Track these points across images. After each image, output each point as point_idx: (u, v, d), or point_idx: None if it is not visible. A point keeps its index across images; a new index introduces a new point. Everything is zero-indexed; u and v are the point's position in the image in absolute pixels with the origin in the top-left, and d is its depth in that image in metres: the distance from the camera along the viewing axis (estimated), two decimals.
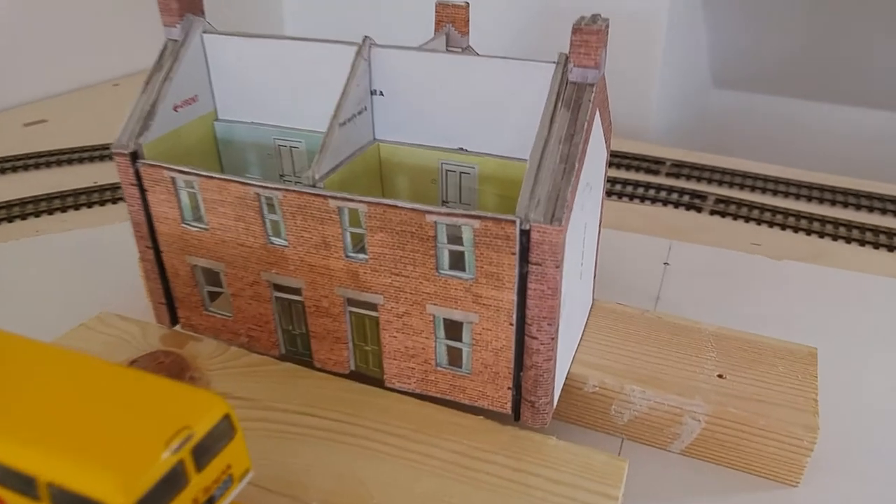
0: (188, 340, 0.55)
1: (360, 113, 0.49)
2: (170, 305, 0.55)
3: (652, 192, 0.92)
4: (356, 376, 0.52)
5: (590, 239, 0.52)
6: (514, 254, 0.42)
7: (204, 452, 0.33)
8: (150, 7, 1.22)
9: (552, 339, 0.44)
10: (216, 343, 0.55)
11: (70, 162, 0.97)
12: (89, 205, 0.86)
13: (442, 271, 0.45)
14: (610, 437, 0.53)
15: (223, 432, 0.34)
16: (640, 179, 0.94)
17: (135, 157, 0.49)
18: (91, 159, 0.98)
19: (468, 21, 0.58)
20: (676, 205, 0.89)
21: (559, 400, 0.51)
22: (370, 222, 0.44)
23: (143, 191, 0.50)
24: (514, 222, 0.41)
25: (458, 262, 0.44)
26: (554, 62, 0.45)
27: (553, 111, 0.43)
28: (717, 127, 1.47)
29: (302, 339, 0.52)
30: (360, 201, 0.44)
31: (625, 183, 0.93)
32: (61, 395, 0.34)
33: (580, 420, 0.54)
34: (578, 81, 0.43)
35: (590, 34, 0.42)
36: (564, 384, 0.52)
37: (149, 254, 0.53)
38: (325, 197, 0.45)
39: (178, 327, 0.57)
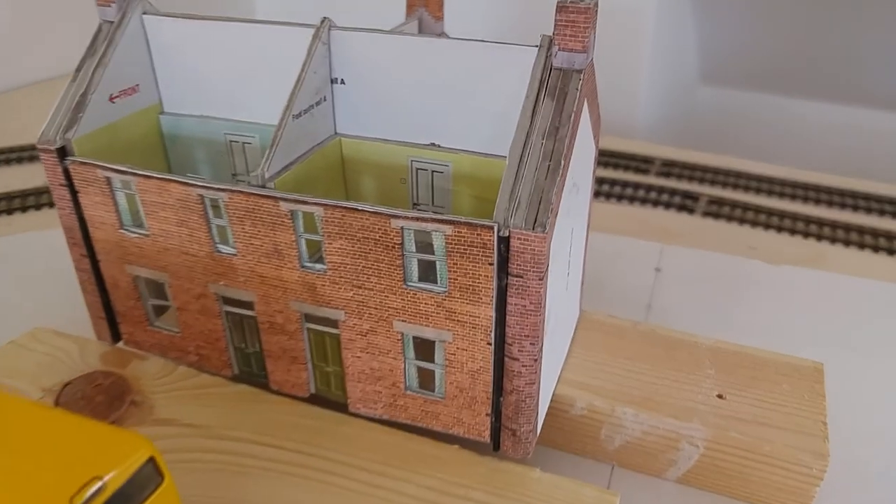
0: (132, 359, 0.50)
1: (318, 104, 0.45)
2: (111, 320, 0.51)
3: (641, 193, 0.88)
4: (317, 400, 0.48)
5: (577, 245, 0.47)
6: (491, 264, 0.38)
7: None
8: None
9: (535, 360, 0.40)
10: (163, 362, 0.51)
11: (20, 161, 0.92)
12: (38, 207, 0.81)
13: (410, 284, 0.40)
14: (599, 465, 0.50)
15: (147, 479, 0.30)
16: (628, 179, 0.91)
17: (63, 153, 0.44)
18: (31, 159, 0.92)
19: (442, 5, 0.54)
20: (667, 206, 0.86)
21: (544, 424, 0.48)
22: (328, 228, 0.39)
23: (74, 192, 0.45)
24: (491, 228, 0.37)
25: (428, 273, 0.40)
26: (537, 46, 0.40)
27: (535, 101, 0.39)
28: (705, 124, 1.46)
29: (256, 358, 0.48)
30: (316, 203, 0.39)
31: (612, 183, 0.90)
32: None
33: (567, 446, 0.50)
34: (564, 67, 0.39)
35: (577, 13, 0.37)
36: (549, 407, 0.48)
37: (84, 263, 0.48)
38: (275, 199, 0.40)
39: (120, 344, 0.52)
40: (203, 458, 0.43)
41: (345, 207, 0.38)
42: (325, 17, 0.44)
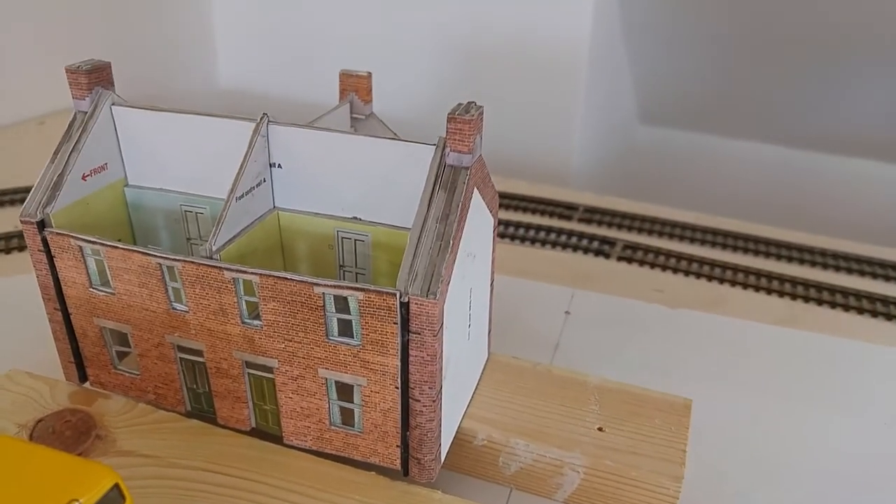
0: (97, 398, 0.57)
1: (258, 185, 0.52)
2: (79, 364, 0.57)
3: (563, 238, 0.95)
4: (257, 433, 0.54)
5: (478, 301, 0.55)
6: (395, 323, 0.45)
7: None
8: (76, 44, 1.23)
9: (433, 401, 0.47)
10: (125, 400, 0.57)
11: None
12: (7, 251, 0.87)
13: (332, 338, 0.48)
14: (499, 487, 0.56)
15: (112, 502, 0.37)
16: (552, 225, 0.98)
17: (42, 225, 0.52)
18: (12, 202, 0.98)
19: (370, 90, 0.62)
20: (586, 251, 0.93)
21: (451, 452, 0.54)
22: (263, 292, 0.47)
23: (51, 257, 0.53)
24: (394, 295, 0.44)
25: (346, 329, 0.47)
26: (434, 145, 0.48)
27: (431, 192, 0.47)
28: (643, 164, 1.51)
29: (206, 397, 0.55)
30: (253, 273, 0.47)
31: (538, 228, 0.96)
32: None
33: (471, 471, 0.57)
34: (455, 165, 0.47)
35: (463, 123, 0.45)
36: (456, 437, 0.54)
37: (57, 315, 0.55)
38: (220, 269, 0.47)
39: (87, 384, 0.58)
40: (159, 485, 0.49)
41: (276, 276, 0.46)
42: (264, 114, 0.52)
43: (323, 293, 0.46)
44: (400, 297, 0.44)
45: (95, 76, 0.55)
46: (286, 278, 0.46)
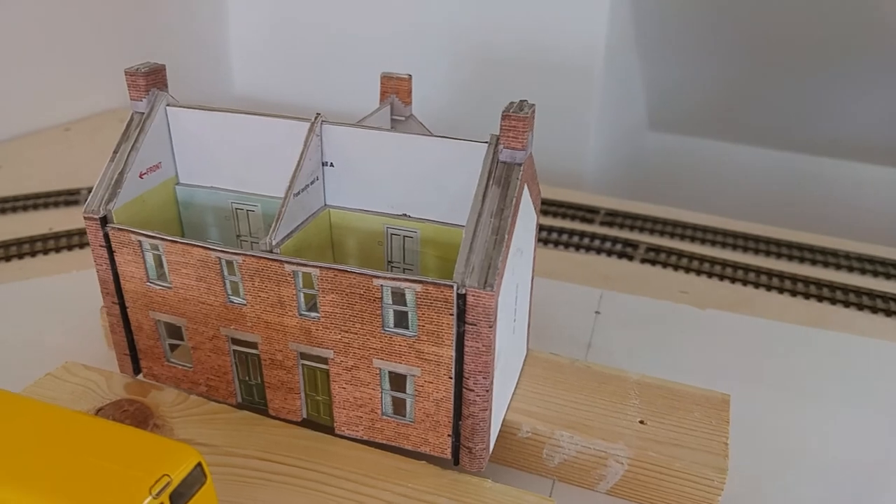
0: (150, 389, 0.58)
1: (312, 183, 0.54)
2: (133, 356, 0.59)
3: (586, 241, 0.96)
4: (307, 423, 0.56)
5: (522, 297, 0.56)
6: (452, 314, 0.47)
7: (179, 498, 0.37)
8: (98, 52, 1.25)
9: (487, 391, 0.49)
10: (176, 392, 0.58)
11: (25, 209, 1.00)
12: (45, 252, 0.88)
13: (387, 329, 0.49)
14: (542, 479, 0.57)
15: (196, 479, 0.39)
16: (575, 228, 0.99)
17: (104, 221, 0.53)
18: (46, 206, 1.00)
19: (411, 91, 0.63)
20: (609, 253, 0.94)
21: (496, 444, 0.55)
22: (322, 285, 0.49)
23: (111, 252, 0.54)
24: (451, 287, 0.46)
25: (401, 320, 0.49)
26: (486, 142, 0.50)
27: (485, 188, 0.48)
28: (653, 170, 1.52)
29: (257, 388, 0.56)
30: (314, 266, 0.48)
31: (560, 231, 0.98)
32: (48, 446, 0.38)
33: (515, 463, 0.58)
34: (507, 161, 0.49)
35: (518, 120, 0.47)
36: (500, 430, 0.56)
37: (115, 309, 0.57)
38: (281, 262, 0.49)
39: (140, 376, 0.60)
40: (220, 472, 0.51)
41: (337, 269, 0.48)
42: (318, 114, 0.54)
43: (381, 285, 0.47)
44: (457, 289, 0.46)
45: (152, 78, 0.56)
46: (346, 271, 0.48)
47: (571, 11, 1.25)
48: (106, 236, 0.54)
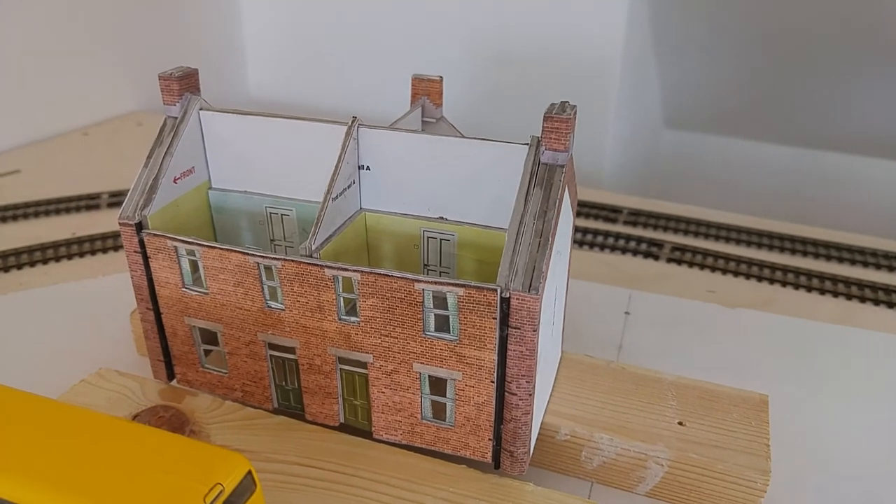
0: (185, 395, 0.58)
1: (349, 186, 0.54)
2: (167, 362, 0.59)
3: (611, 241, 0.96)
4: (344, 428, 0.55)
5: (559, 299, 0.56)
6: (495, 318, 0.46)
7: None
8: (114, 56, 1.25)
9: (530, 395, 0.48)
10: (211, 398, 0.58)
11: (47, 213, 1.00)
12: (69, 256, 0.88)
13: (428, 333, 0.49)
14: (581, 482, 0.57)
15: (246, 487, 0.38)
16: (599, 228, 0.99)
17: (139, 227, 0.53)
18: (67, 210, 1.01)
19: (441, 93, 0.63)
20: (635, 253, 0.94)
21: (534, 448, 0.55)
22: (363, 289, 0.48)
23: (146, 258, 0.54)
24: (495, 290, 0.45)
25: (443, 324, 0.48)
26: (526, 144, 0.49)
27: (528, 190, 0.48)
28: (668, 167, 1.52)
29: (294, 393, 0.56)
30: (354, 270, 0.48)
31: (584, 231, 0.97)
32: (100, 455, 0.38)
33: (553, 466, 0.57)
34: (549, 163, 0.48)
35: (560, 122, 0.47)
36: (539, 433, 0.55)
37: (149, 315, 0.57)
38: (321, 266, 0.49)
39: (174, 382, 0.60)
40: (261, 478, 0.51)
41: (378, 273, 0.47)
42: (354, 117, 0.54)
43: (423, 289, 0.47)
44: (501, 293, 0.45)
45: (185, 82, 0.56)
46: (387, 275, 0.47)
47: (590, 12, 1.25)
48: (141, 242, 0.53)
